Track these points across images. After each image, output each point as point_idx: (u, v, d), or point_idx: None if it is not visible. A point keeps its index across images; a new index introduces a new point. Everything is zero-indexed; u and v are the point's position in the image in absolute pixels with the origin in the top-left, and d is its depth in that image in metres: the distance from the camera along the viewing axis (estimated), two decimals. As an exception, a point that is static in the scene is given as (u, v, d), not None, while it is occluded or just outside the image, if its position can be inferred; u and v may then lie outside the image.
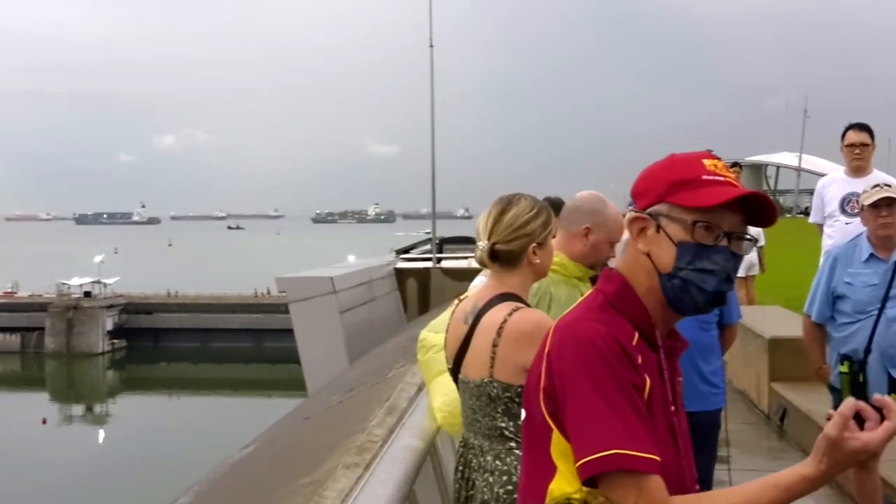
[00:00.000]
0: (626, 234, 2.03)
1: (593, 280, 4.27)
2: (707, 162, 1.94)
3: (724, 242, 1.89)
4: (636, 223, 1.96)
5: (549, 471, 1.85)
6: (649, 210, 1.94)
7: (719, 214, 1.88)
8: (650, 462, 1.75)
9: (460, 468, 3.33)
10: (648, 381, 1.87)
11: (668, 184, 1.93)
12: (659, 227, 1.92)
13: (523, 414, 1.98)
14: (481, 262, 3.31)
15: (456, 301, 3.49)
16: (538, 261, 3.31)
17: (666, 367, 1.95)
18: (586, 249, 4.02)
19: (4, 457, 39.01)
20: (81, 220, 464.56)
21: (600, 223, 4.03)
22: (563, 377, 1.84)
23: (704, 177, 1.91)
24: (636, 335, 1.91)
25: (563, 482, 1.82)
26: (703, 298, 1.91)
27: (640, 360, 1.87)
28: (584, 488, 1.77)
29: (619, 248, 2.08)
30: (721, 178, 1.91)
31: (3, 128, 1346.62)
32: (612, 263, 4.38)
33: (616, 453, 1.74)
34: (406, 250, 28.17)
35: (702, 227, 1.88)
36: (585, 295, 2.07)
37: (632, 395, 1.81)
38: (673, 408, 1.95)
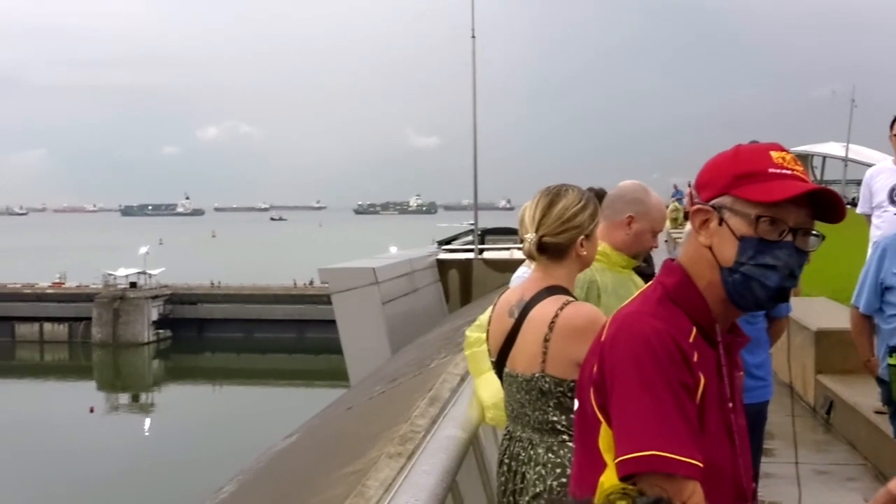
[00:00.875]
0: (688, 226, 1.99)
1: (636, 271, 4.25)
2: (774, 154, 1.89)
3: (788, 238, 1.85)
4: (698, 215, 1.92)
5: (599, 464, 1.82)
6: (712, 202, 1.90)
7: (785, 209, 1.83)
8: (689, 466, 1.72)
9: (506, 461, 3.30)
10: (703, 379, 1.83)
11: (733, 176, 1.88)
12: (721, 220, 1.87)
13: (576, 404, 1.97)
14: (529, 255, 3.28)
15: (498, 295, 3.47)
16: (585, 253, 3.28)
17: (725, 362, 1.91)
18: (629, 238, 3.99)
19: (54, 444, 39.67)
20: (127, 211, 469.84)
21: (643, 212, 4.00)
22: (612, 371, 1.82)
23: (771, 170, 1.86)
24: (694, 330, 1.87)
25: (615, 477, 1.78)
26: (764, 294, 1.86)
27: (695, 358, 1.83)
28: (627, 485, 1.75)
29: (683, 238, 2.06)
30: (788, 172, 1.86)
31: (51, 122, 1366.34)
32: (652, 253, 4.35)
33: (654, 454, 1.71)
34: (448, 241, 28.15)
35: (766, 222, 1.84)
36: (644, 287, 2.02)
37: (680, 397, 1.77)
38: (731, 404, 1.91)
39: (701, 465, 1.74)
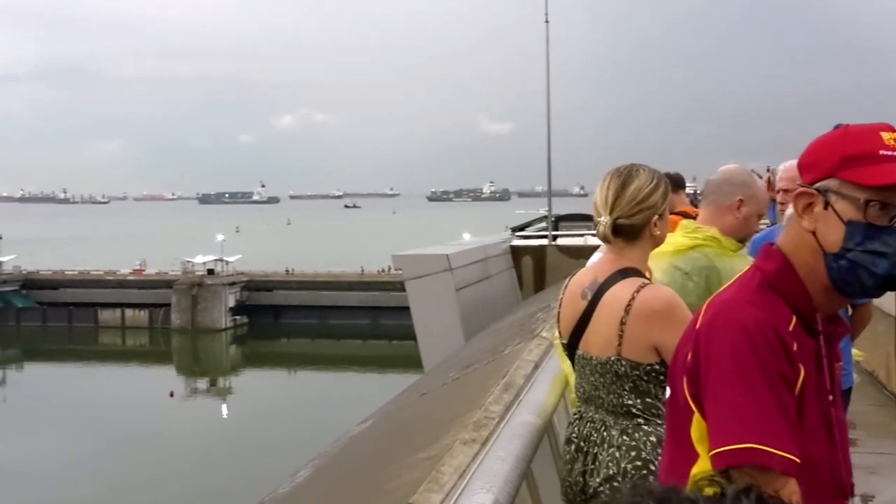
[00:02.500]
0: (789, 210, 1.92)
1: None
2: (885, 135, 1.79)
3: None
4: (802, 198, 1.83)
5: (691, 455, 1.78)
6: (817, 185, 1.81)
7: None
8: (786, 462, 1.66)
9: (575, 440, 3.28)
10: (803, 370, 1.77)
11: (840, 158, 1.79)
12: (827, 204, 1.79)
13: (668, 392, 1.92)
14: (604, 238, 3.24)
15: (568, 277, 3.44)
16: (658, 232, 3.24)
17: (825, 353, 1.84)
18: (738, 222, 3.92)
19: (135, 428, 40.59)
20: (205, 199, 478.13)
21: (751, 195, 3.94)
22: (708, 359, 1.76)
23: (882, 152, 1.76)
24: (794, 319, 1.80)
25: (707, 468, 1.74)
26: (872, 282, 1.78)
27: (795, 348, 1.77)
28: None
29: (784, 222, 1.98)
30: None
31: (131, 112, 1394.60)
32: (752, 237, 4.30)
33: (751, 448, 1.66)
34: (521, 228, 28.06)
35: (876, 207, 1.74)
36: (741, 272, 1.95)
37: (779, 389, 1.71)
38: (831, 397, 1.84)
39: (798, 460, 1.68)
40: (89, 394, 48.55)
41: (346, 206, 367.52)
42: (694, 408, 1.78)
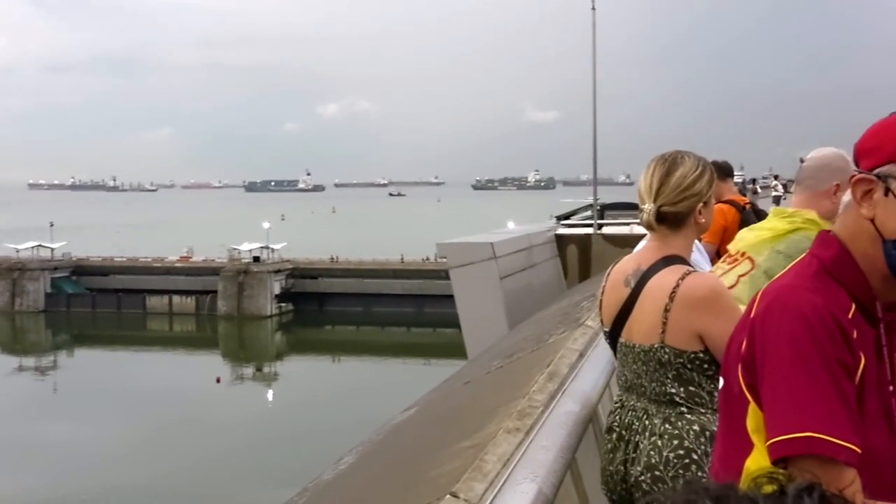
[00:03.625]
0: (846, 196, 1.87)
1: None
2: None
3: None
4: (860, 185, 1.78)
5: (746, 445, 1.74)
6: (877, 171, 1.76)
7: None
8: (848, 451, 1.61)
9: (617, 428, 3.26)
10: (863, 359, 1.72)
11: None
12: (888, 191, 1.74)
13: (721, 382, 1.88)
14: (648, 226, 3.20)
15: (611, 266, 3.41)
16: (703, 220, 3.21)
17: (886, 342, 1.79)
18: (834, 207, 3.86)
19: (183, 413, 41.11)
20: (251, 187, 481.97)
21: (847, 181, 3.89)
22: (764, 347, 1.72)
23: None
24: (853, 307, 1.75)
25: (762, 459, 1.70)
26: None
27: (855, 336, 1.72)
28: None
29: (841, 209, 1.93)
30: None
31: (180, 100, 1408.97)
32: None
33: (811, 437, 1.61)
34: (566, 217, 27.95)
35: None
36: (797, 259, 1.91)
37: (839, 376, 1.67)
38: (891, 387, 1.79)
39: (860, 450, 1.63)
40: (138, 379, 49.22)
41: (391, 195, 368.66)
42: (749, 397, 1.74)
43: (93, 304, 71.11)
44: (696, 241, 3.94)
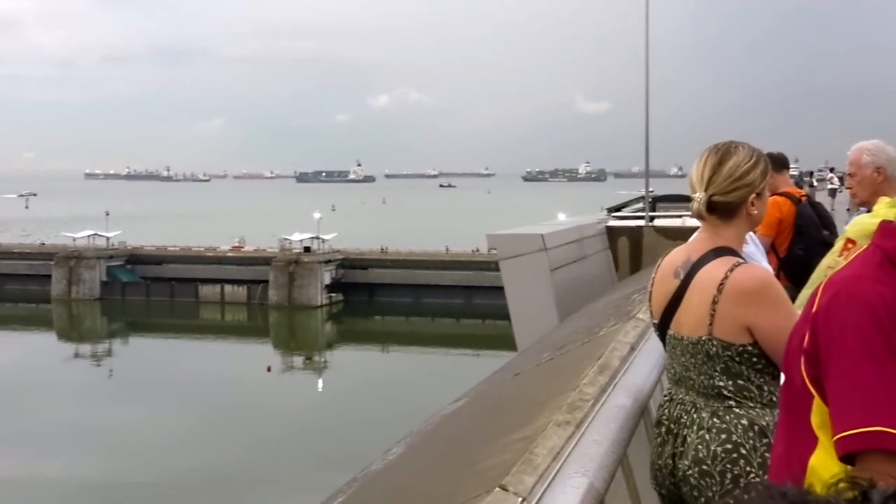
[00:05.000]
0: None
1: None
2: None
3: None
4: None
5: (810, 442, 1.69)
6: None
7: None
8: None
9: (665, 422, 3.25)
10: None
11: None
12: None
13: (782, 378, 1.84)
14: (698, 215, 3.18)
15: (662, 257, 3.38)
16: (756, 212, 3.17)
17: None
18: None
19: (235, 401, 41.60)
20: (302, 178, 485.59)
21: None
22: (829, 339, 1.67)
23: None
24: None
25: (827, 457, 1.66)
26: None
27: None
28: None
29: None
30: None
31: (233, 91, 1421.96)
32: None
33: (880, 431, 1.56)
34: (618, 208, 27.74)
35: None
36: (859, 250, 1.87)
37: None
38: None
39: None
40: (190, 367, 49.84)
41: (441, 186, 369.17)
42: (814, 392, 1.70)
43: (147, 293, 72.12)
44: (752, 234, 3.88)
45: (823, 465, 1.64)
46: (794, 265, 7.02)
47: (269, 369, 50.74)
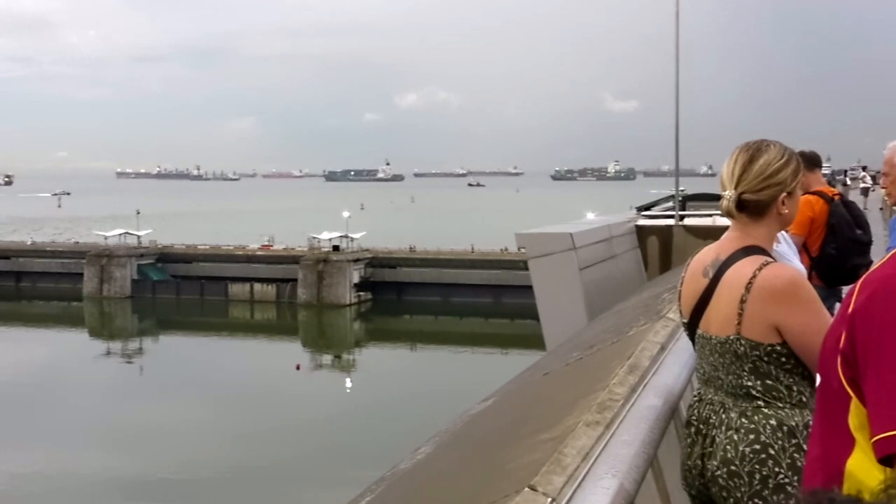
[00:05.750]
0: None
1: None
2: None
3: None
4: None
5: (847, 444, 1.66)
6: None
7: None
8: None
9: (695, 422, 3.23)
10: None
11: None
12: None
13: (818, 379, 1.81)
14: (728, 213, 3.15)
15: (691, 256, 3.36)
16: (786, 211, 3.14)
17: None
18: None
19: (265, 398, 41.82)
20: (331, 177, 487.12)
21: None
22: (867, 340, 1.64)
23: None
24: None
25: (864, 459, 1.62)
26: None
27: None
28: None
29: None
30: None
31: (262, 90, 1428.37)
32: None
33: None
34: (647, 207, 27.60)
35: None
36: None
37: None
38: None
39: None
40: (220, 365, 50.19)
41: (470, 185, 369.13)
42: (851, 393, 1.67)
43: (177, 291, 72.65)
44: (784, 233, 3.85)
45: (861, 468, 1.61)
46: (826, 265, 6.95)
47: (297, 368, 50.95)
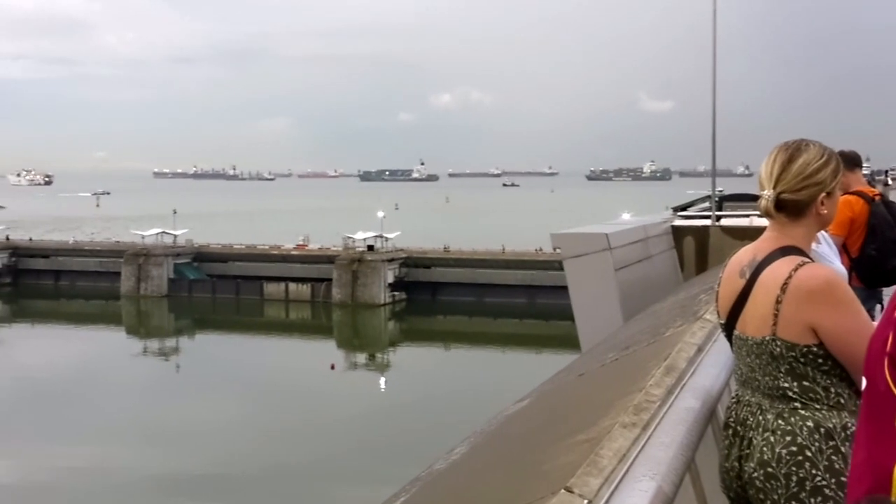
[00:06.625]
0: None
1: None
2: None
3: None
4: None
5: (894, 448, 1.63)
6: None
7: None
8: None
9: (732, 424, 3.23)
10: None
11: None
12: None
13: (864, 382, 1.79)
14: (766, 213, 3.13)
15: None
16: (825, 211, 3.12)
17: None
18: None
19: (300, 397, 42.04)
20: (365, 177, 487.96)
21: None
22: None
23: None
24: None
25: None
26: None
27: None
28: None
29: None
30: None
31: (296, 91, 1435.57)
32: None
33: None
34: (683, 208, 27.44)
35: None
36: None
37: None
38: None
39: None
40: (256, 364, 50.49)
41: (505, 185, 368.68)
42: None
43: (213, 290, 73.21)
44: (824, 233, 3.80)
45: None
46: (866, 266, 6.86)
47: (332, 367, 51.15)
